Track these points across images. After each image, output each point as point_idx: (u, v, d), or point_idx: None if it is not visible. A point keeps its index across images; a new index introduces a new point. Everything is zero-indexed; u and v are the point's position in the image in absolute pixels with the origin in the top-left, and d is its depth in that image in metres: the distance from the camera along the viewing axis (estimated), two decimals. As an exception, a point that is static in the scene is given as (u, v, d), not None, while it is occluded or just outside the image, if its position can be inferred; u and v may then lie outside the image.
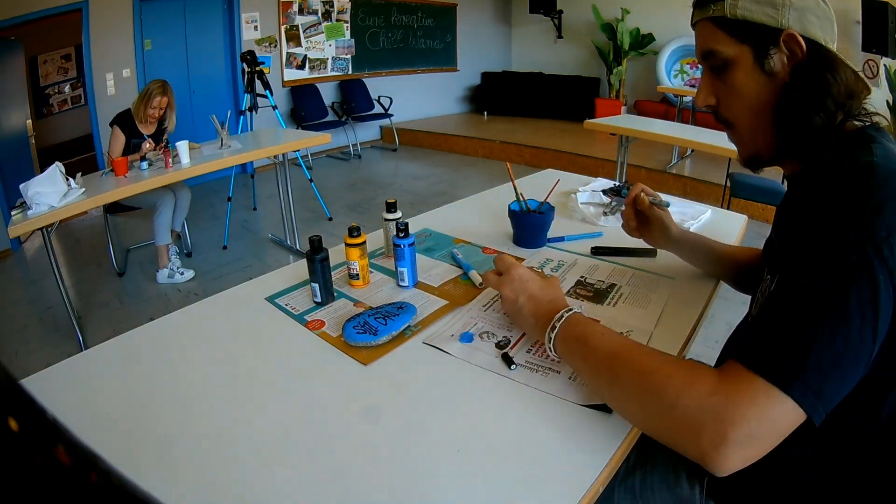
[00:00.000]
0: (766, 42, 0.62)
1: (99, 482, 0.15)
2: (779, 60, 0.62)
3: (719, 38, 0.65)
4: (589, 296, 0.94)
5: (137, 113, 2.83)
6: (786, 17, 0.61)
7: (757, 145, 0.69)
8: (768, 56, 0.62)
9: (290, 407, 0.69)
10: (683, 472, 0.74)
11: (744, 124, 0.68)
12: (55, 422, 0.15)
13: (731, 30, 0.64)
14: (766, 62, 0.63)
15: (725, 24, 0.64)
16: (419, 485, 0.56)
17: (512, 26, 7.96)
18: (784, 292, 0.54)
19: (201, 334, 0.87)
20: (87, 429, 0.63)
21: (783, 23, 0.61)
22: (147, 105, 2.80)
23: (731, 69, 0.65)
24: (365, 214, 3.97)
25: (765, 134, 0.67)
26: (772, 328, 0.52)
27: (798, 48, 0.61)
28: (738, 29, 0.63)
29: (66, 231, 3.89)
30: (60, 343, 2.34)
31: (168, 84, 2.89)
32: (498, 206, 1.35)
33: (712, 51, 0.66)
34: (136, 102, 2.84)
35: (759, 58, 0.63)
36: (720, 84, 0.68)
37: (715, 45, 0.66)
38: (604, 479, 0.57)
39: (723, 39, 0.65)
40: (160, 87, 2.83)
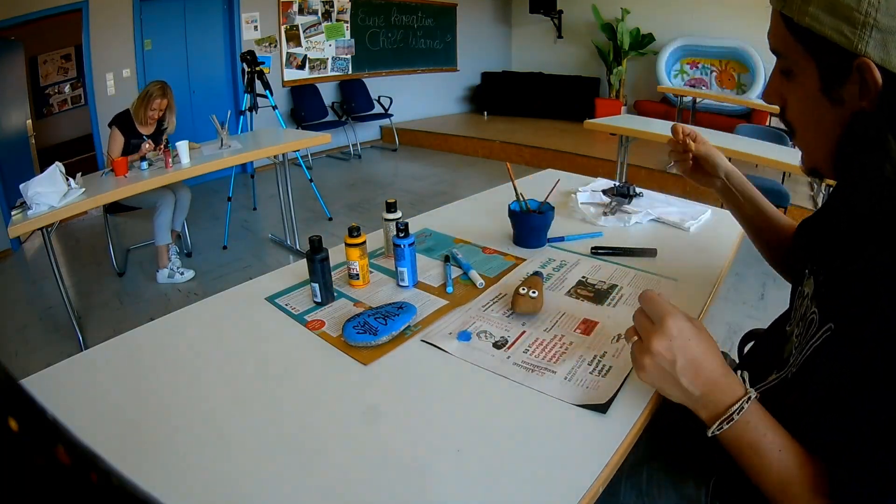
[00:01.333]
0: (837, 64, 0.50)
1: (99, 482, 0.15)
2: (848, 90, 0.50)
3: (785, 38, 0.54)
4: (590, 296, 0.94)
5: (137, 114, 2.82)
6: (864, 40, 0.47)
7: (816, 161, 0.60)
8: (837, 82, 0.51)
9: (290, 407, 0.69)
10: (690, 471, 0.74)
11: (802, 137, 0.60)
12: (55, 422, 0.15)
13: (797, 35, 0.53)
14: (834, 90, 0.51)
15: (793, 27, 0.53)
16: (419, 484, 0.56)
17: (512, 26, 7.96)
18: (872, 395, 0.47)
19: (201, 334, 0.87)
20: (87, 429, 0.63)
21: (859, 47, 0.47)
22: (147, 107, 2.80)
23: (797, 80, 0.55)
24: (365, 214, 3.97)
25: (822, 157, 0.58)
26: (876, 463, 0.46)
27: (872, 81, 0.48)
28: (805, 37, 0.52)
29: (66, 231, 3.89)
30: (60, 343, 2.34)
31: (168, 85, 2.89)
32: (498, 206, 1.35)
33: (778, 51, 0.57)
34: (136, 104, 2.83)
35: (826, 82, 0.52)
36: (787, 85, 0.58)
37: (780, 46, 0.56)
38: (604, 478, 0.57)
39: (789, 43, 0.54)
40: (160, 89, 2.83)
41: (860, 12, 0.47)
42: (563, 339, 0.81)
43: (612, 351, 0.77)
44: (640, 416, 0.65)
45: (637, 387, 0.70)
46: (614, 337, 0.81)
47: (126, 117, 2.83)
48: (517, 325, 0.85)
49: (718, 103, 5.28)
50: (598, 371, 0.73)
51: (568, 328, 0.84)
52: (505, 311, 0.90)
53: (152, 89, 2.82)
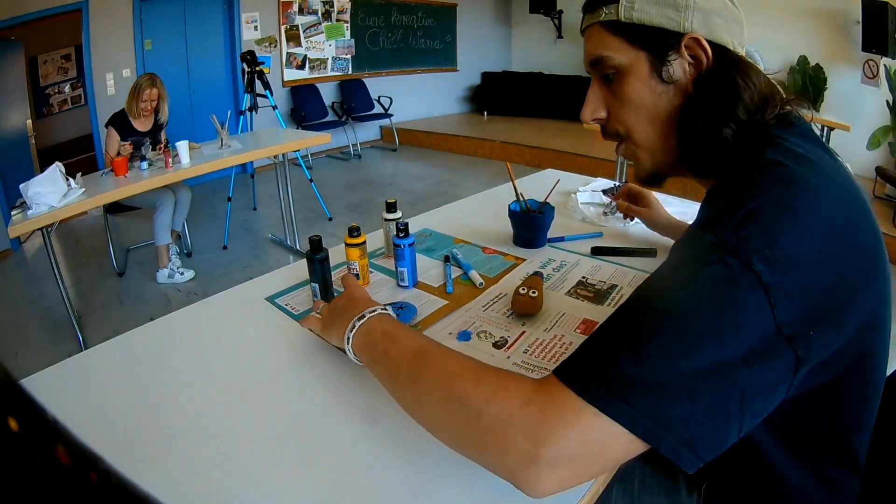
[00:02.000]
0: (665, 47, 0.56)
1: (99, 482, 0.15)
2: (680, 67, 0.56)
3: (610, 43, 0.59)
4: (589, 296, 0.94)
5: (130, 109, 2.82)
6: (689, 19, 0.55)
7: (655, 159, 0.63)
8: (667, 63, 0.56)
9: (289, 407, 0.69)
10: (682, 477, 0.74)
11: (639, 137, 0.62)
12: (55, 422, 0.15)
13: (624, 34, 0.58)
14: (664, 69, 0.56)
15: (618, 29, 0.58)
16: (419, 484, 0.56)
17: (512, 26, 7.96)
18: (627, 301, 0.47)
19: (201, 334, 0.87)
20: (87, 429, 0.63)
21: (685, 26, 0.55)
22: (138, 99, 2.80)
23: (624, 78, 0.59)
24: (365, 214, 3.97)
25: (664, 147, 0.61)
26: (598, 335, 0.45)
27: (703, 53, 0.55)
28: (632, 33, 0.57)
29: (66, 231, 3.89)
30: (60, 343, 2.34)
31: (157, 76, 2.88)
32: (498, 206, 1.35)
33: (601, 58, 0.60)
34: (128, 99, 2.84)
35: (656, 65, 0.57)
36: (610, 95, 0.62)
37: (605, 52, 0.59)
38: (603, 478, 0.57)
39: (614, 45, 0.59)
40: (149, 80, 2.82)
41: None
42: (563, 339, 0.81)
43: (612, 351, 0.77)
44: (640, 416, 0.65)
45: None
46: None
47: (121, 116, 2.83)
48: (517, 325, 0.85)
49: (718, 103, 5.27)
50: (598, 371, 0.73)
51: (568, 328, 0.84)
52: (505, 311, 0.90)
53: (141, 81, 2.82)
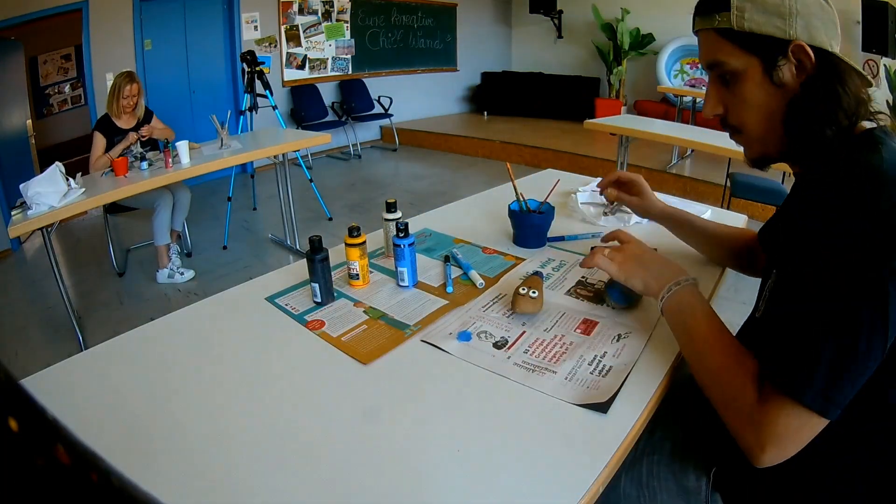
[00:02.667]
0: (775, 53, 0.62)
1: (99, 482, 0.15)
2: (788, 71, 0.62)
3: (726, 49, 0.65)
4: (589, 296, 0.94)
5: (111, 109, 2.83)
6: (793, 27, 0.60)
7: (766, 149, 0.69)
8: (777, 67, 0.62)
9: (289, 407, 0.69)
10: (690, 463, 0.74)
11: (753, 132, 0.68)
12: (55, 422, 0.15)
13: (738, 41, 0.63)
14: (775, 73, 0.62)
15: (732, 36, 0.63)
16: (419, 484, 0.56)
17: (512, 26, 7.95)
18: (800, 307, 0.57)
19: (201, 334, 0.87)
20: (87, 429, 0.63)
21: (791, 34, 0.60)
22: (119, 97, 2.81)
23: (740, 80, 0.65)
24: (365, 214, 3.97)
25: (774, 140, 0.67)
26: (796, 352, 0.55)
27: (807, 59, 0.61)
28: (745, 41, 0.63)
29: (66, 231, 3.89)
30: (60, 343, 2.34)
31: (133, 72, 2.90)
32: (498, 206, 1.35)
33: (719, 62, 0.66)
34: (108, 100, 2.85)
35: (768, 69, 0.62)
36: (728, 93, 0.67)
37: (722, 57, 0.65)
38: (604, 479, 0.57)
39: (729, 50, 0.64)
40: (127, 77, 2.83)
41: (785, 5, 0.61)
42: (563, 339, 0.81)
43: (613, 351, 0.77)
44: (641, 416, 0.65)
45: (638, 386, 0.70)
46: (614, 337, 0.81)
47: (106, 120, 2.84)
48: (517, 325, 0.85)
49: (718, 103, 5.27)
50: (598, 371, 0.73)
51: (568, 328, 0.84)
52: (505, 311, 0.90)
53: (119, 81, 2.82)
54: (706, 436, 0.75)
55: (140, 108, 2.96)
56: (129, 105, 2.85)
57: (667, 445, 0.78)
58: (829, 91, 0.60)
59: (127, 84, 2.81)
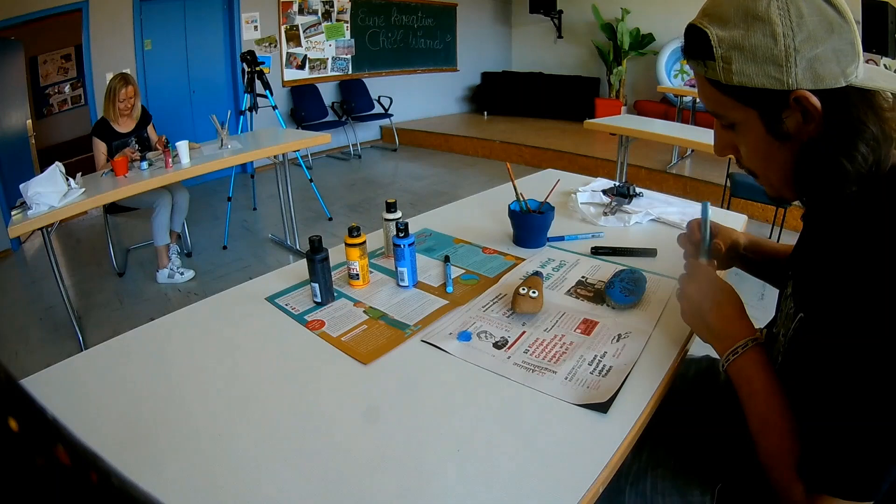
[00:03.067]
0: (775, 105, 0.53)
1: (99, 482, 0.15)
2: (794, 121, 0.53)
3: (720, 100, 0.57)
4: (589, 296, 0.94)
5: (108, 113, 2.82)
6: (792, 74, 0.51)
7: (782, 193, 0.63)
8: (781, 121, 0.53)
9: (290, 407, 0.69)
10: (695, 479, 0.74)
11: (765, 176, 0.62)
12: (55, 422, 0.15)
13: (731, 94, 0.55)
14: (777, 128, 0.54)
15: (723, 88, 0.56)
16: (420, 484, 0.56)
17: (512, 26, 7.95)
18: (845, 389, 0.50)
19: (201, 334, 0.87)
20: (87, 429, 0.63)
21: (790, 82, 0.51)
22: (114, 101, 2.80)
23: (742, 131, 0.58)
24: (365, 214, 3.97)
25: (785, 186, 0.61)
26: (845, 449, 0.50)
27: (813, 108, 0.51)
28: (739, 94, 0.55)
29: (66, 231, 3.88)
30: (60, 343, 2.34)
31: (128, 73, 2.89)
32: (498, 206, 1.35)
33: (717, 113, 0.60)
34: (104, 104, 2.83)
35: (769, 124, 0.54)
36: (735, 136, 0.61)
37: (718, 109, 0.59)
38: (604, 478, 0.57)
39: (724, 102, 0.57)
40: (121, 80, 2.81)
41: (780, 48, 0.50)
42: (563, 338, 0.81)
43: (613, 351, 0.77)
44: (641, 416, 0.65)
45: (638, 386, 0.70)
46: (614, 337, 0.81)
47: (103, 123, 2.83)
48: (517, 325, 0.85)
49: (718, 103, 5.27)
50: (598, 371, 0.73)
51: (568, 328, 0.84)
52: (505, 311, 0.90)
53: (113, 84, 2.81)
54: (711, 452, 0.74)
55: (137, 110, 2.95)
56: (126, 108, 2.85)
57: (671, 460, 0.77)
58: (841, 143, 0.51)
59: (122, 87, 2.80)
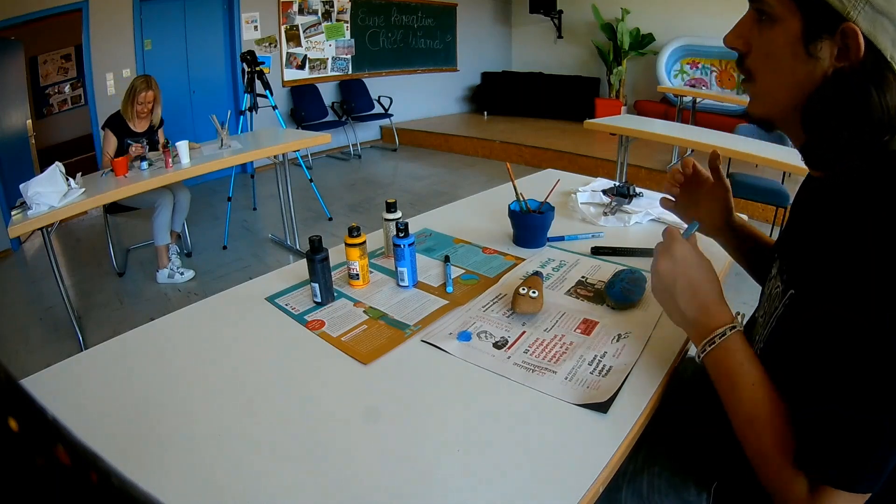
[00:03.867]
0: (823, 24, 0.52)
1: (99, 482, 0.15)
2: (828, 49, 0.52)
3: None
4: (589, 296, 0.94)
5: (126, 111, 2.82)
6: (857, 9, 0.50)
7: (769, 113, 0.60)
8: (818, 39, 0.52)
9: (290, 407, 0.69)
10: (691, 478, 0.74)
11: (763, 87, 0.59)
12: (55, 422, 0.15)
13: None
14: (812, 44, 0.52)
15: None
16: (420, 484, 0.56)
17: (512, 26, 7.95)
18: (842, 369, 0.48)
19: (201, 334, 0.87)
20: (87, 429, 0.63)
21: (850, 14, 0.50)
22: (133, 102, 2.80)
23: (774, 27, 0.55)
24: (365, 214, 3.97)
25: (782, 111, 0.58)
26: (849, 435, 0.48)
27: (855, 47, 0.51)
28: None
29: (66, 231, 3.88)
30: (60, 343, 2.34)
31: (152, 77, 2.88)
32: (498, 206, 1.35)
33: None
34: (124, 101, 2.84)
35: (807, 34, 0.53)
36: (757, 33, 0.57)
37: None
38: (604, 478, 0.57)
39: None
40: (144, 82, 2.82)
41: None
42: (563, 339, 0.81)
43: (613, 351, 0.77)
44: (641, 416, 0.65)
45: (638, 386, 0.70)
46: (614, 336, 0.81)
47: (117, 118, 2.83)
48: (517, 325, 0.85)
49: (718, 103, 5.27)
50: (598, 371, 0.73)
51: (568, 328, 0.84)
52: (505, 311, 0.90)
53: (137, 84, 2.81)
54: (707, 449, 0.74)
55: (157, 117, 2.96)
56: (144, 111, 2.86)
57: (668, 459, 0.77)
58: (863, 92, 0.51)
59: (143, 90, 2.80)
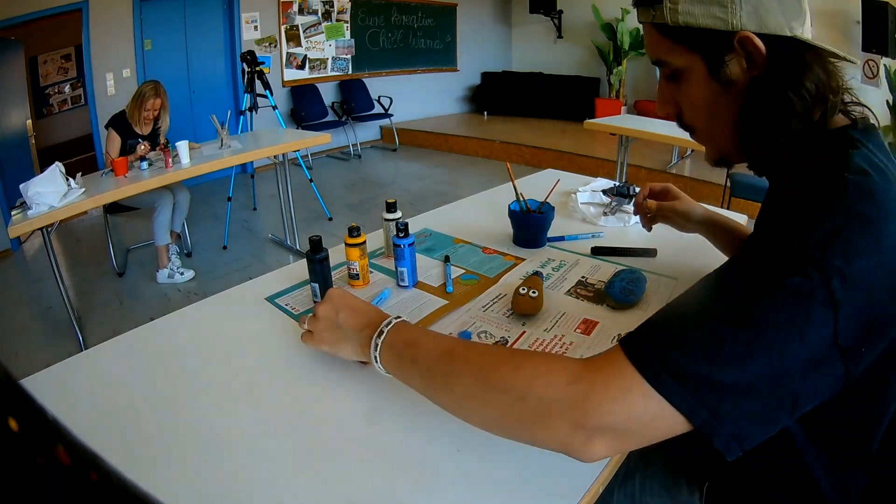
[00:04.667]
0: (719, 48, 0.53)
1: (99, 482, 0.15)
2: (737, 66, 0.54)
3: (665, 46, 0.57)
4: (589, 296, 0.94)
5: (132, 115, 2.82)
6: (737, 15, 0.51)
7: (722, 151, 0.63)
8: (723, 64, 0.54)
9: (289, 407, 0.69)
10: (683, 477, 0.74)
11: (704, 134, 0.63)
12: (55, 422, 0.15)
13: (675, 37, 0.56)
14: (721, 71, 0.54)
15: (669, 32, 0.56)
16: (419, 485, 0.56)
17: (512, 26, 7.96)
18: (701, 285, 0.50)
19: (201, 334, 0.87)
20: (87, 429, 0.63)
21: (734, 23, 0.51)
22: (140, 108, 2.80)
23: (685, 79, 0.58)
24: (365, 214, 3.97)
25: (728, 143, 0.61)
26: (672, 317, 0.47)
27: (756, 51, 0.52)
28: (683, 36, 0.55)
29: (66, 231, 3.89)
30: (60, 343, 2.34)
31: (160, 84, 2.88)
32: (498, 206, 1.35)
33: (661, 60, 0.59)
34: (130, 105, 2.83)
35: (713, 67, 0.55)
36: (677, 91, 0.61)
37: (663, 55, 0.58)
38: (603, 479, 0.57)
39: (669, 48, 0.57)
40: (152, 89, 2.81)
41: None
42: (563, 339, 0.81)
43: (613, 351, 0.77)
44: (641, 416, 0.65)
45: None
46: (614, 337, 0.81)
47: (122, 118, 2.83)
48: (517, 326, 0.85)
49: (718, 103, 5.27)
50: (598, 371, 0.73)
51: (568, 328, 0.84)
52: (505, 311, 0.90)
53: (145, 89, 2.81)
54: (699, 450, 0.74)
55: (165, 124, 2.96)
56: (149, 118, 2.86)
57: (660, 459, 0.77)
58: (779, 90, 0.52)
59: (151, 98, 2.80)
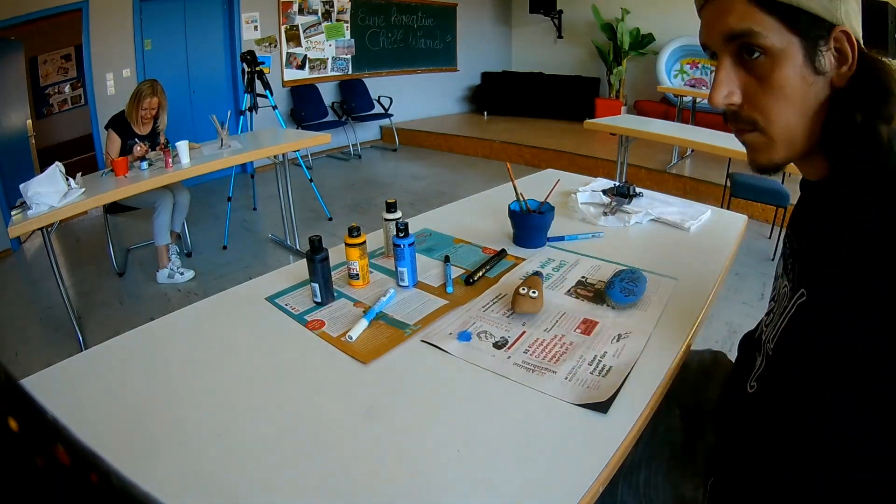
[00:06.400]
0: (818, 36, 0.50)
1: (99, 482, 0.15)
2: (828, 59, 0.51)
3: (760, 19, 0.50)
4: (589, 296, 0.94)
5: (130, 115, 2.82)
6: (840, 10, 0.49)
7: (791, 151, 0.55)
8: (819, 52, 0.50)
9: (289, 407, 0.69)
10: (688, 473, 0.74)
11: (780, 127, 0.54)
12: (55, 422, 0.15)
13: (779, 13, 0.50)
14: (817, 59, 0.50)
15: (772, 7, 0.50)
16: (420, 485, 0.56)
17: (512, 26, 7.95)
18: None
19: (201, 334, 0.87)
20: (87, 429, 0.63)
21: (838, 17, 0.49)
22: (138, 107, 2.80)
23: (775, 63, 0.51)
24: (365, 214, 3.97)
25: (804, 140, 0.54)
26: None
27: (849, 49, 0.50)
28: (788, 15, 0.50)
29: (66, 231, 3.88)
30: (60, 343, 2.34)
31: (158, 83, 2.87)
32: (498, 206, 1.35)
33: (751, 32, 0.51)
34: (128, 105, 2.83)
35: (810, 53, 0.50)
36: (750, 78, 0.53)
37: (756, 27, 0.51)
38: (604, 478, 0.57)
39: (765, 22, 0.50)
40: (150, 88, 2.81)
41: None
42: (563, 338, 0.81)
43: (613, 351, 0.77)
44: (641, 416, 0.65)
45: (638, 386, 0.70)
46: (614, 337, 0.81)
47: (122, 119, 2.83)
48: (517, 325, 0.85)
49: (718, 103, 5.27)
50: (598, 371, 0.73)
51: (568, 328, 0.84)
52: (505, 311, 0.90)
53: (142, 88, 2.80)
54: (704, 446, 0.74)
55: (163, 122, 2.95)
56: (147, 117, 2.85)
57: (665, 454, 0.78)
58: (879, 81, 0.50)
59: (148, 97, 2.80)
